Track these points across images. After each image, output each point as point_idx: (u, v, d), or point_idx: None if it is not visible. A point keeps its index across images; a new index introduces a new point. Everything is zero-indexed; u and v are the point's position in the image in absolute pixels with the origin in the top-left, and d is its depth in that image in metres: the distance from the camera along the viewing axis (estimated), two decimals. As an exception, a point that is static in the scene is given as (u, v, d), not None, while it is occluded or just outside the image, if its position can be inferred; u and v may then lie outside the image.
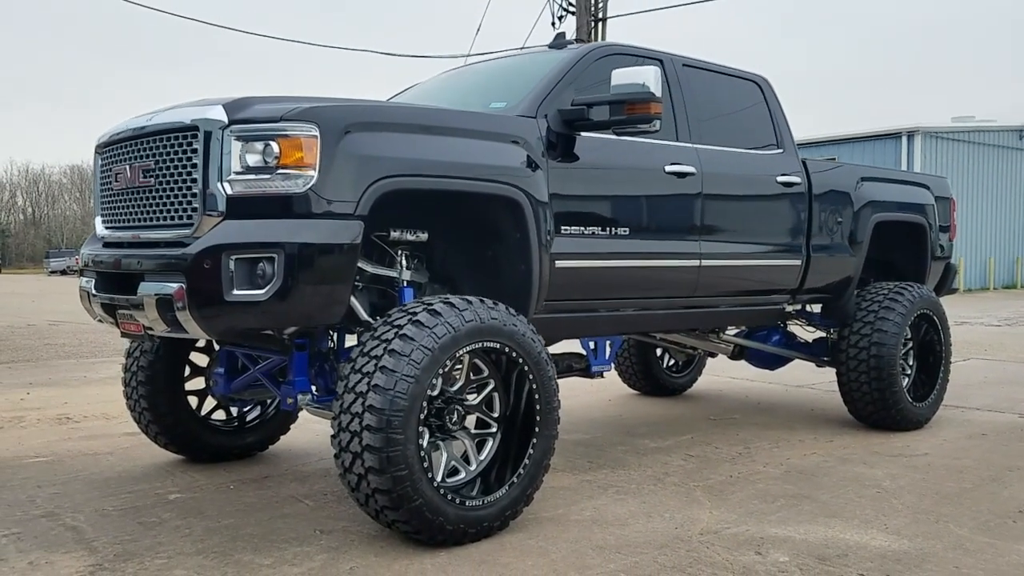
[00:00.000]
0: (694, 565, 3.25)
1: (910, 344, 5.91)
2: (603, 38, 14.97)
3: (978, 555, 3.39)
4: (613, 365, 4.94)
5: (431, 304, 3.39)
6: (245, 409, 4.90)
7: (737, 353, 6.34)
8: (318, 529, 3.65)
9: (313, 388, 3.97)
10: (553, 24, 14.63)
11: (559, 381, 4.68)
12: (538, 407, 3.65)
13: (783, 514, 3.90)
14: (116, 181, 3.80)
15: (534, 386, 3.63)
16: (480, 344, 3.45)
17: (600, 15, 14.70)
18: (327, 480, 4.39)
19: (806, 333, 6.31)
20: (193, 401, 4.75)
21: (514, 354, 3.56)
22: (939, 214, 6.43)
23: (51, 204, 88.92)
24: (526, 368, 3.60)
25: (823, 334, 6.13)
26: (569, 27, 14.89)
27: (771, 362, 6.39)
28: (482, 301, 3.52)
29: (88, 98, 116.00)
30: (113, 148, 3.86)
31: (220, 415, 4.87)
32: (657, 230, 4.48)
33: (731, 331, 6.27)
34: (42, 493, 4.21)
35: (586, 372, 4.83)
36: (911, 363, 5.96)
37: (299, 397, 3.83)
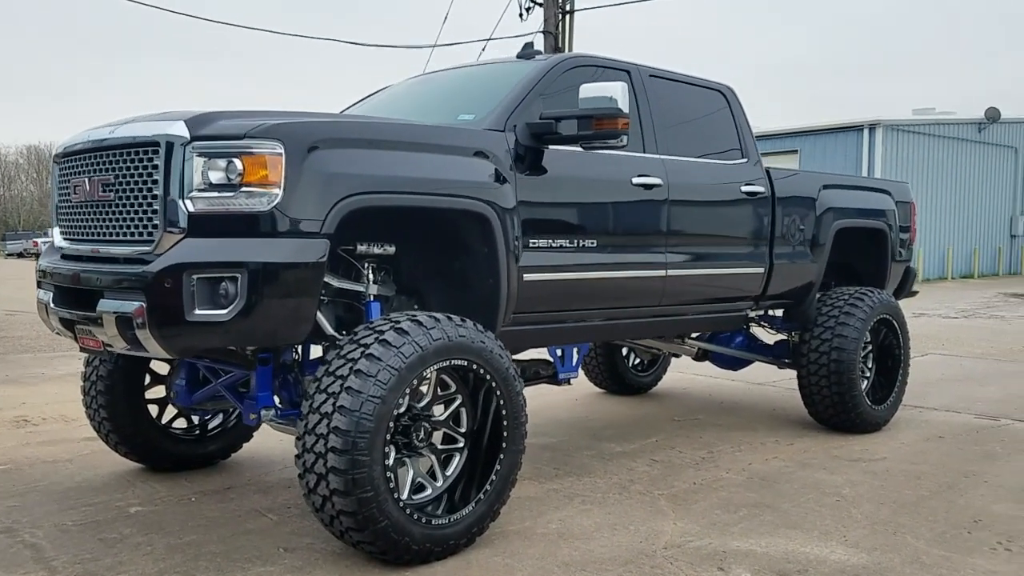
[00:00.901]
0: (658, 582, 3.29)
1: (869, 348, 6.01)
2: (570, 31, 14.92)
3: (934, 569, 3.46)
4: (580, 370, 4.95)
5: (398, 322, 3.37)
6: (207, 417, 4.84)
7: (701, 355, 6.41)
8: (282, 547, 3.63)
9: (277, 401, 3.94)
10: (521, 16, 14.56)
11: (526, 388, 4.75)
12: (505, 423, 3.65)
13: (745, 525, 3.96)
14: (75, 193, 3.72)
15: (501, 402, 3.64)
16: (448, 362, 3.44)
17: (567, 7, 14.64)
18: (291, 491, 4.36)
19: (768, 335, 6.39)
20: (154, 409, 4.69)
21: (482, 371, 3.56)
22: (899, 219, 6.52)
23: (7, 185, 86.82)
24: (494, 384, 3.60)
25: (784, 336, 6.22)
26: (536, 19, 14.82)
27: (734, 363, 6.47)
28: (450, 318, 3.50)
29: (45, 79, 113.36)
30: (72, 159, 3.78)
31: (181, 423, 4.81)
32: (624, 242, 4.50)
33: (695, 334, 6.33)
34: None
35: (553, 379, 4.85)
36: (870, 366, 6.06)
37: (262, 413, 3.79)
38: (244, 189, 3.21)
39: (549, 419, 6.06)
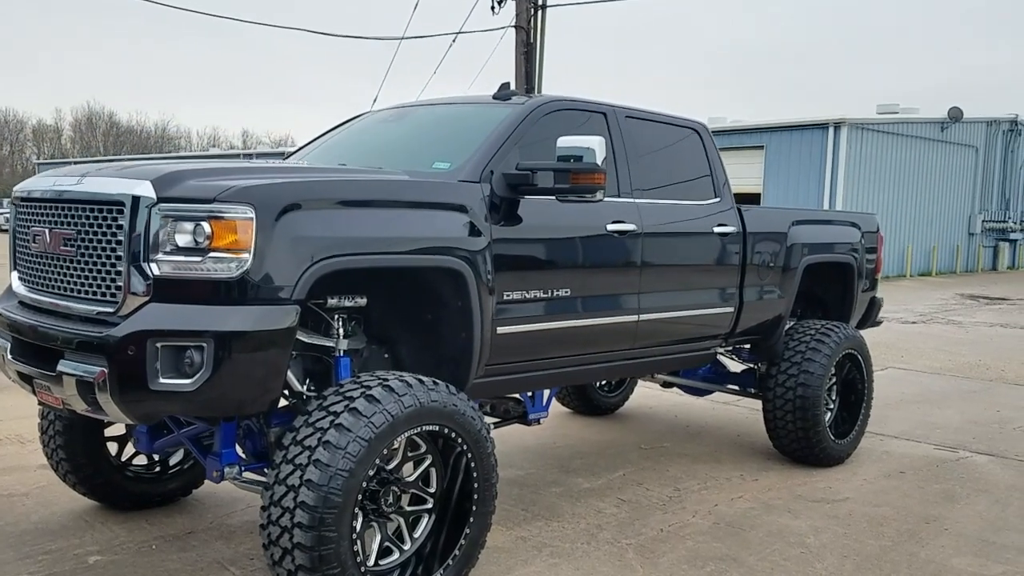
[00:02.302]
0: (626, 657, 3.28)
1: (833, 381, 6.06)
2: (543, 24, 14.78)
3: (897, 639, 3.50)
4: (548, 411, 4.93)
5: (369, 388, 3.30)
6: (167, 455, 4.74)
7: (667, 384, 6.43)
8: (246, 609, 3.57)
9: (240, 453, 3.86)
10: (492, 8, 14.38)
11: (495, 429, 4.72)
12: (476, 484, 3.61)
13: (712, 584, 3.97)
14: (34, 243, 3.59)
15: (472, 464, 3.59)
16: (419, 428, 3.39)
17: (540, 1, 14.50)
18: (253, 538, 4.28)
19: (735, 364, 6.42)
20: (113, 447, 4.58)
21: (453, 434, 3.51)
22: (865, 251, 6.57)
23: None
24: (465, 447, 3.56)
25: (751, 365, 6.25)
26: (508, 13, 14.65)
27: (701, 392, 6.50)
28: (421, 381, 3.44)
29: (11, 41, 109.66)
30: (31, 206, 3.64)
31: (141, 460, 4.70)
32: (598, 288, 4.46)
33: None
34: (-49, 554, 4.02)
35: (523, 419, 4.84)
36: (834, 398, 6.12)
37: (226, 470, 3.71)
38: (212, 254, 3.11)
39: (516, 446, 6.04)
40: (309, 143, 5.20)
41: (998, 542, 4.64)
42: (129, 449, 4.64)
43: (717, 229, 5.21)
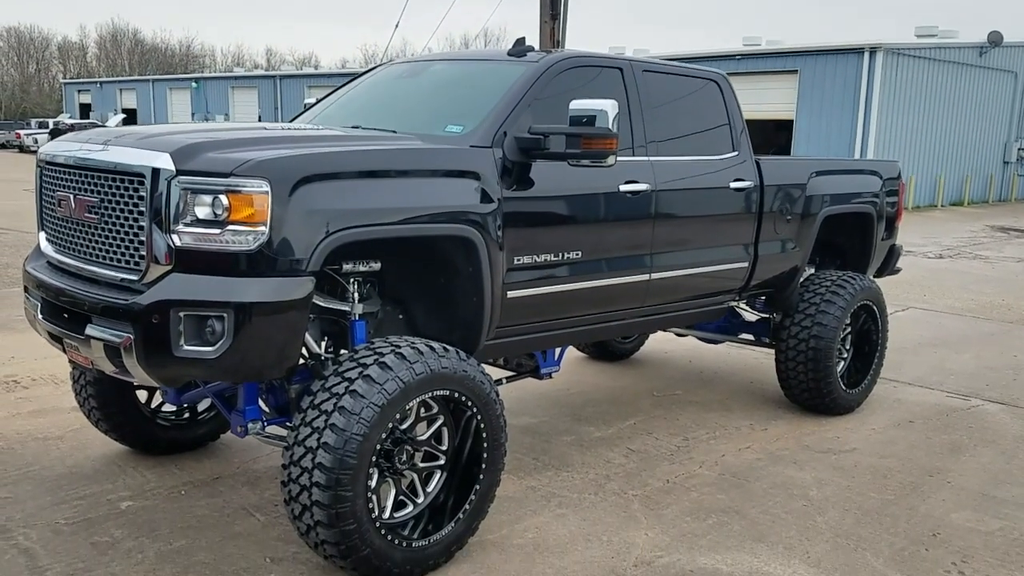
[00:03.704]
0: (626, 610, 3.46)
1: (848, 331, 6.11)
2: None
3: (888, 596, 3.65)
4: (560, 366, 5.05)
5: (382, 355, 3.43)
6: (196, 402, 4.93)
7: (681, 333, 6.54)
8: (269, 557, 3.78)
9: (263, 406, 4.02)
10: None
11: (508, 383, 4.86)
12: (485, 444, 3.76)
13: (713, 537, 4.13)
14: (59, 207, 3.70)
15: (482, 425, 3.73)
16: (431, 393, 3.52)
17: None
18: (276, 485, 4.46)
19: (750, 314, 6.48)
20: (143, 395, 4.77)
21: (463, 398, 3.64)
22: (886, 199, 6.53)
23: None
24: (475, 410, 3.69)
25: (766, 315, 6.31)
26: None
27: (716, 340, 6.59)
28: (432, 348, 3.56)
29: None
30: (56, 171, 3.74)
31: (170, 408, 4.90)
32: (610, 249, 4.51)
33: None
34: (-7, 497, 4.27)
35: (535, 373, 4.95)
36: (848, 348, 6.18)
37: (249, 426, 3.88)
38: (231, 227, 3.20)
39: (532, 392, 6.19)
40: (326, 97, 5.23)
41: (999, 496, 4.75)
42: (158, 397, 4.83)
43: (733, 184, 5.21)
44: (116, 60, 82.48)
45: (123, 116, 52.00)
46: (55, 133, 39.63)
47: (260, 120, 43.87)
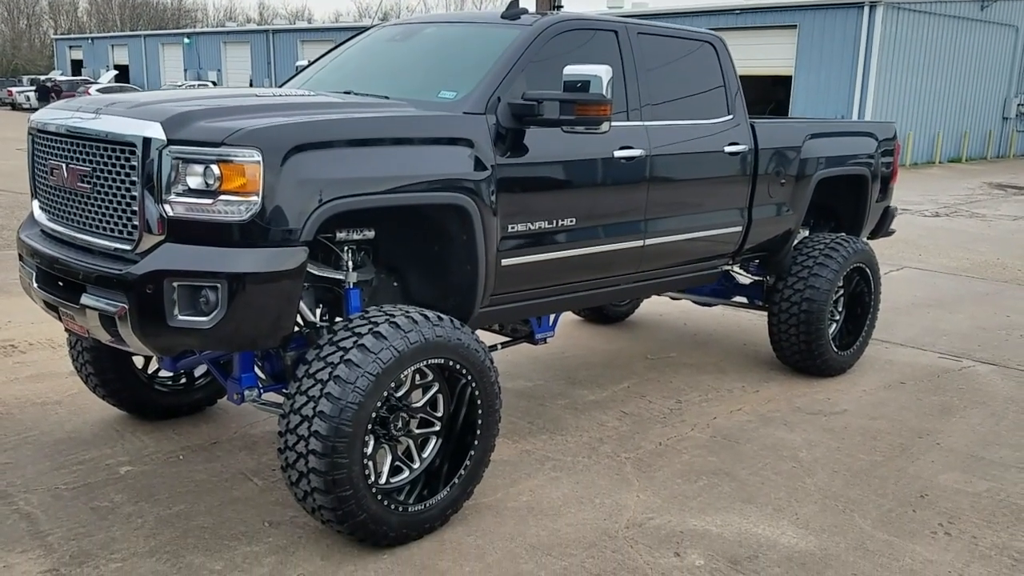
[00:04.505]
0: (617, 572, 3.53)
1: (841, 293, 6.14)
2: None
3: (876, 557, 3.72)
4: (555, 331, 5.08)
5: (376, 324, 3.45)
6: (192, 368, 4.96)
7: (675, 296, 6.58)
8: (267, 521, 3.84)
9: (259, 373, 4.06)
10: None
11: (503, 348, 4.90)
12: (480, 411, 3.80)
13: (704, 499, 4.20)
14: (51, 176, 3.70)
15: (477, 393, 3.77)
16: (425, 361, 3.55)
17: None
18: (273, 450, 4.53)
19: (743, 277, 6.50)
20: (139, 361, 4.81)
21: (458, 366, 3.67)
22: (882, 160, 6.52)
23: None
24: (470, 377, 3.73)
25: (759, 278, 6.34)
26: None
27: (710, 303, 6.62)
28: (426, 317, 3.58)
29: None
30: (47, 139, 3.73)
31: (167, 373, 4.94)
32: (604, 215, 4.52)
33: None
34: (-7, 462, 4.32)
35: (530, 339, 4.99)
36: (840, 310, 6.22)
37: (246, 393, 3.91)
38: (223, 197, 3.20)
39: (526, 356, 6.23)
40: (318, 59, 5.18)
41: (987, 458, 4.82)
42: (155, 363, 4.86)
43: (728, 148, 5.20)
44: (107, 15, 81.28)
45: (115, 73, 51.43)
46: (42, 91, 39.09)
47: (252, 84, 43.45)
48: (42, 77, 49.73)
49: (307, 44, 42.79)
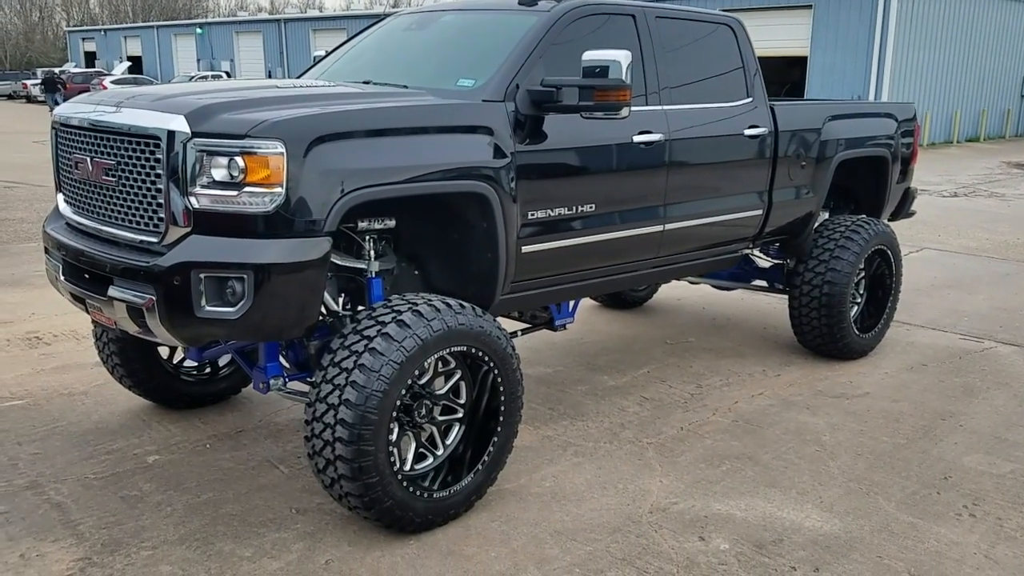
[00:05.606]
0: (642, 556, 3.55)
1: (862, 275, 6.12)
2: None
3: (901, 540, 3.72)
4: (575, 317, 5.09)
5: (400, 313, 3.47)
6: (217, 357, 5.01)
7: (694, 281, 6.57)
8: (294, 508, 3.88)
9: (284, 362, 4.09)
10: None
11: (523, 335, 4.91)
12: (503, 398, 3.82)
13: (727, 483, 4.20)
14: (76, 169, 3.73)
15: (499, 379, 3.79)
16: (448, 349, 3.57)
17: None
18: (298, 437, 4.57)
19: (763, 260, 6.49)
20: (164, 351, 4.85)
21: (480, 353, 3.69)
22: (901, 142, 6.47)
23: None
24: (492, 364, 3.75)
25: (779, 261, 6.32)
26: None
27: (729, 287, 6.61)
28: (448, 305, 3.60)
29: None
30: (71, 133, 3.76)
31: (192, 363, 4.98)
32: (624, 201, 4.52)
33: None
34: (23, 453, 4.37)
35: (549, 325, 5.00)
36: (861, 293, 6.19)
37: (271, 382, 3.95)
38: (247, 189, 3.22)
39: (546, 343, 6.24)
40: (335, 50, 5.19)
41: (1011, 439, 4.80)
42: (180, 353, 4.90)
43: (748, 132, 5.17)
44: (119, 6, 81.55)
45: (128, 64, 51.63)
46: (47, 83, 39.16)
47: (269, 76, 43.47)
48: (49, 69, 49.89)
49: (319, 33, 42.81)
